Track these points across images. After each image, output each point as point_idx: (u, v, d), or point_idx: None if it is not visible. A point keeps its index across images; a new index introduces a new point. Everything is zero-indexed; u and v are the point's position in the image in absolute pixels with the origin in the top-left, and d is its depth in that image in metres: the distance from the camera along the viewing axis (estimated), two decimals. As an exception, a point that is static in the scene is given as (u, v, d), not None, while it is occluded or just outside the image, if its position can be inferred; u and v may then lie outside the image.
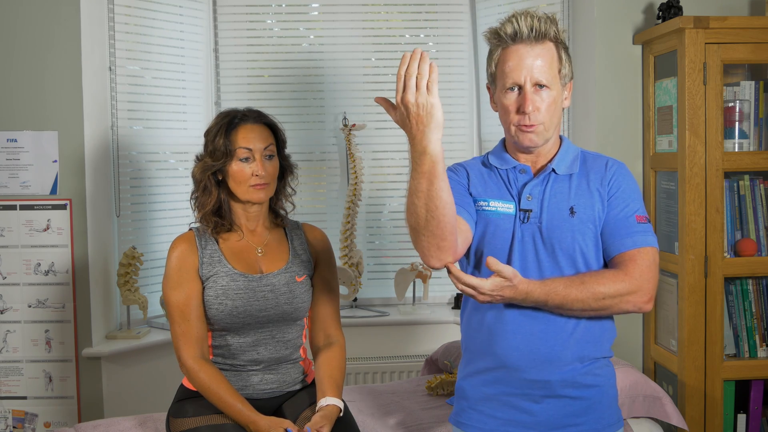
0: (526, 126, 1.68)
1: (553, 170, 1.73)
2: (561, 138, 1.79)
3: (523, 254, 1.69)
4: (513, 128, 1.70)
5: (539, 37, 1.66)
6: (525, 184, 1.73)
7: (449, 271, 1.57)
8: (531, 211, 1.70)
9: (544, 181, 1.72)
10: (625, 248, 1.65)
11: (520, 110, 1.67)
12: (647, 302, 1.64)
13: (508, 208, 1.72)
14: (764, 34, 2.69)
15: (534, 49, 1.66)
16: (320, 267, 2.16)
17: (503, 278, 1.55)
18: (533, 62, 1.66)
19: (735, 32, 2.68)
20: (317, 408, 1.95)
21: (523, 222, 1.70)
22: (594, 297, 1.61)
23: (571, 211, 1.68)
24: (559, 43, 1.70)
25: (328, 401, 1.95)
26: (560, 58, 1.69)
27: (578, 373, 1.69)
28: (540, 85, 1.66)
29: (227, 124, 2.03)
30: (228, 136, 2.01)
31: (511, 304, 1.69)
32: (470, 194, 1.76)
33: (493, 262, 1.53)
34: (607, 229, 1.68)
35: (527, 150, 1.73)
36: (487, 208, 1.74)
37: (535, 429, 1.70)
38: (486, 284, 1.55)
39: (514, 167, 1.75)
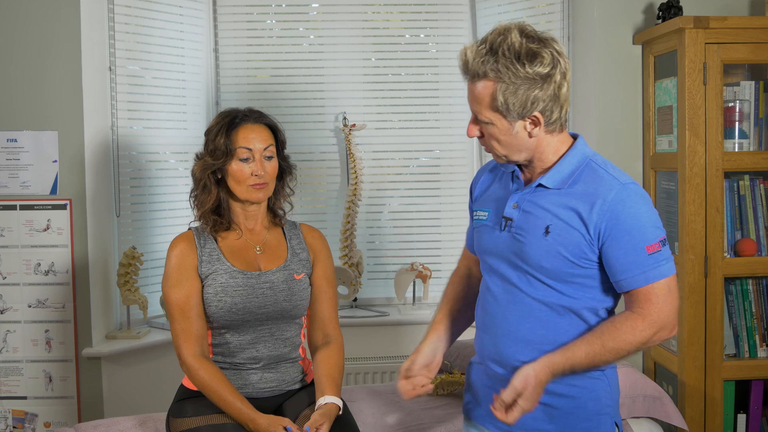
0: (484, 147, 1.70)
1: (542, 184, 1.67)
2: (574, 144, 1.69)
3: (498, 261, 1.71)
4: None
5: (471, 77, 1.61)
6: (515, 191, 1.71)
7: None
8: (512, 220, 1.69)
9: (530, 192, 1.68)
10: (637, 284, 1.58)
11: None
12: (672, 330, 1.61)
13: (482, 215, 1.77)
14: (764, 34, 2.69)
15: (470, 87, 1.63)
16: (318, 267, 2.16)
17: (517, 391, 1.56)
18: (472, 98, 1.63)
19: (735, 32, 2.68)
20: (316, 407, 1.96)
21: (501, 230, 1.70)
22: (619, 355, 1.59)
23: (546, 231, 1.63)
24: (501, 79, 1.57)
25: (326, 400, 1.96)
26: (495, 97, 1.58)
27: None
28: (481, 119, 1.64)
29: (228, 123, 2.04)
30: (228, 136, 2.02)
31: (490, 298, 1.73)
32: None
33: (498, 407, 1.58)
34: (615, 266, 1.59)
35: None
36: (476, 217, 1.80)
37: (509, 427, 1.68)
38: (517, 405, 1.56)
39: (513, 171, 1.74)
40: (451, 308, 1.91)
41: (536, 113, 1.59)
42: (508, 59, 1.55)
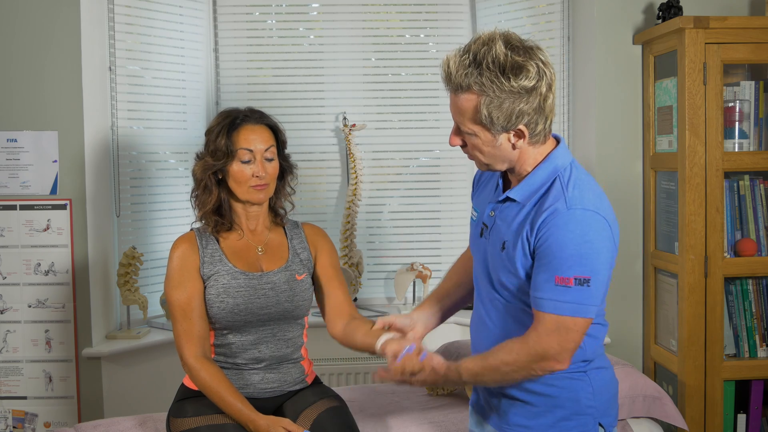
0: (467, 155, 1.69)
1: (509, 197, 1.66)
2: (549, 154, 1.64)
3: (479, 263, 1.73)
4: None
5: (455, 88, 1.58)
6: (493, 200, 1.72)
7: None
8: (487, 227, 1.70)
9: (501, 203, 1.68)
10: (533, 306, 1.57)
11: None
12: (556, 365, 1.56)
13: (474, 215, 1.78)
14: (764, 34, 2.69)
15: (452, 99, 1.60)
16: (321, 257, 2.15)
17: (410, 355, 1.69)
18: (454, 110, 1.61)
19: (735, 32, 2.68)
20: (382, 341, 1.82)
21: (480, 235, 1.72)
22: (498, 374, 1.59)
23: (502, 247, 1.63)
24: (486, 94, 1.53)
25: (386, 336, 1.84)
26: (478, 110, 1.54)
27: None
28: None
29: (229, 124, 2.03)
30: (229, 137, 2.01)
31: (478, 302, 1.76)
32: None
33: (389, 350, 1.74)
34: (532, 281, 1.58)
35: None
36: (472, 215, 1.81)
37: (498, 419, 1.73)
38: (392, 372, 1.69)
39: (499, 177, 1.75)
40: (447, 286, 1.95)
41: (521, 126, 1.57)
42: (493, 72, 1.51)
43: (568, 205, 1.54)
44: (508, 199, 1.65)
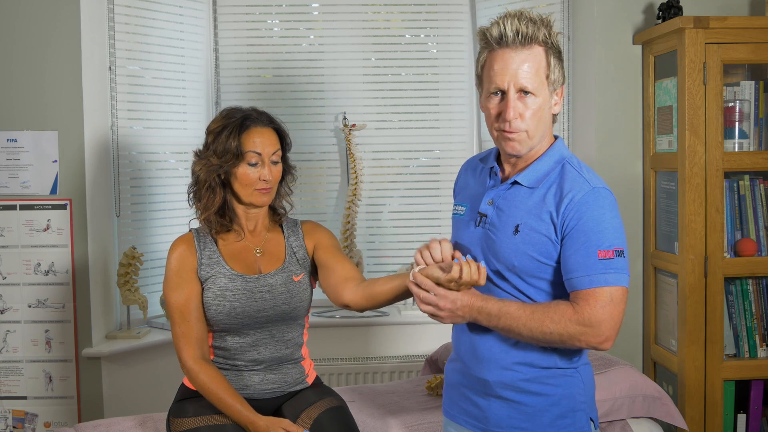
0: (507, 132, 1.64)
1: (517, 181, 1.68)
2: (552, 145, 1.70)
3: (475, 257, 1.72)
4: (495, 134, 1.67)
5: (525, 41, 1.61)
6: (491, 188, 1.72)
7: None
8: (486, 216, 1.69)
9: (506, 189, 1.69)
10: (580, 287, 1.57)
11: (502, 116, 1.63)
12: (603, 342, 1.57)
13: (460, 210, 1.78)
14: (764, 34, 2.69)
15: (519, 54, 1.61)
16: (322, 242, 2.13)
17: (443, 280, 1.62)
18: (518, 67, 1.61)
19: (735, 32, 2.68)
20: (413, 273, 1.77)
21: (476, 225, 1.71)
22: (540, 330, 1.57)
23: (516, 230, 1.63)
24: (550, 47, 1.63)
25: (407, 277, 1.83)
26: (549, 64, 1.63)
27: (519, 379, 1.67)
28: (525, 92, 1.61)
29: (239, 125, 2.01)
30: (239, 138, 2.00)
31: None
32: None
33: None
34: (566, 265, 1.59)
35: (510, 156, 1.70)
36: (454, 211, 1.81)
37: (485, 424, 1.71)
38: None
39: (491, 167, 1.74)
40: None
41: (562, 87, 1.68)
42: (547, 27, 1.63)
43: (591, 185, 1.61)
44: (515, 183, 1.68)
